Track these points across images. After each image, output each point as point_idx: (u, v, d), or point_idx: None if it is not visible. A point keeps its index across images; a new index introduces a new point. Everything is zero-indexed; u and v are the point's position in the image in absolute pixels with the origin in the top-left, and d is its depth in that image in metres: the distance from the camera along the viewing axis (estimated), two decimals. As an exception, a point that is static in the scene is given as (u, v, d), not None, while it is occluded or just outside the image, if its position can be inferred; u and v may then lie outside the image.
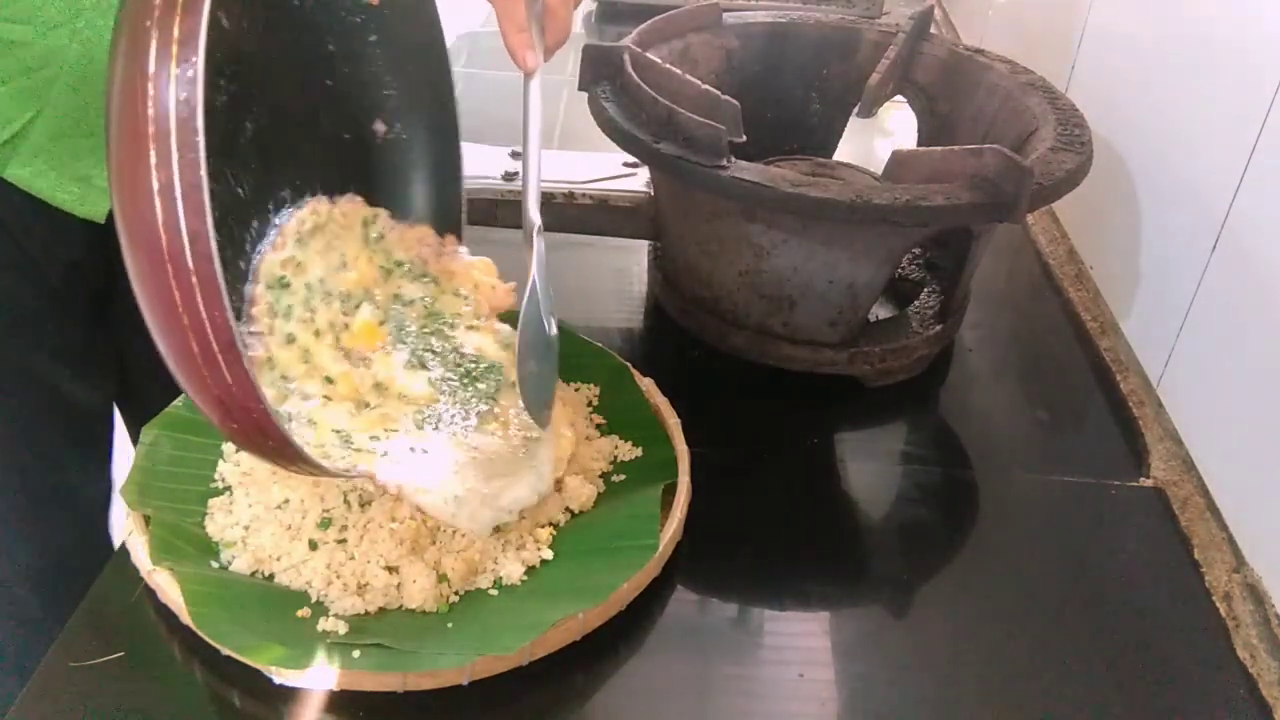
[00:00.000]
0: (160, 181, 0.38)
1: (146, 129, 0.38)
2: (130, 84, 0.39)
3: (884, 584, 0.59)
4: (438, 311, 0.59)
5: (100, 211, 0.67)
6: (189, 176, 0.38)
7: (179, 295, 0.39)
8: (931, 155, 0.62)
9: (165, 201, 0.38)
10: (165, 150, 0.38)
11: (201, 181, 0.38)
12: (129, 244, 0.40)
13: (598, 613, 0.51)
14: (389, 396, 0.55)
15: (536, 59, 0.54)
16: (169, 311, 0.40)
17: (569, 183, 0.76)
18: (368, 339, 0.55)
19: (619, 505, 0.58)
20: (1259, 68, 0.60)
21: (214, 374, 0.41)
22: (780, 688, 0.52)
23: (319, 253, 0.55)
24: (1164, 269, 0.72)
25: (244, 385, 0.41)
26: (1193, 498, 0.63)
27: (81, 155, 0.65)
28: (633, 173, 0.77)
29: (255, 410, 0.42)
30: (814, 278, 0.66)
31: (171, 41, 0.38)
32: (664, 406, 0.63)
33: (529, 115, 0.55)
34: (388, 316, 0.57)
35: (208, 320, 0.40)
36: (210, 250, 0.39)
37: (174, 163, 0.38)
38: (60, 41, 0.61)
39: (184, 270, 0.39)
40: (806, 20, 0.85)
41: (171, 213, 0.38)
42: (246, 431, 0.43)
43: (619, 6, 1.36)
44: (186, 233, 0.38)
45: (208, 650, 0.49)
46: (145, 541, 0.53)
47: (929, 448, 0.69)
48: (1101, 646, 0.55)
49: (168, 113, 0.38)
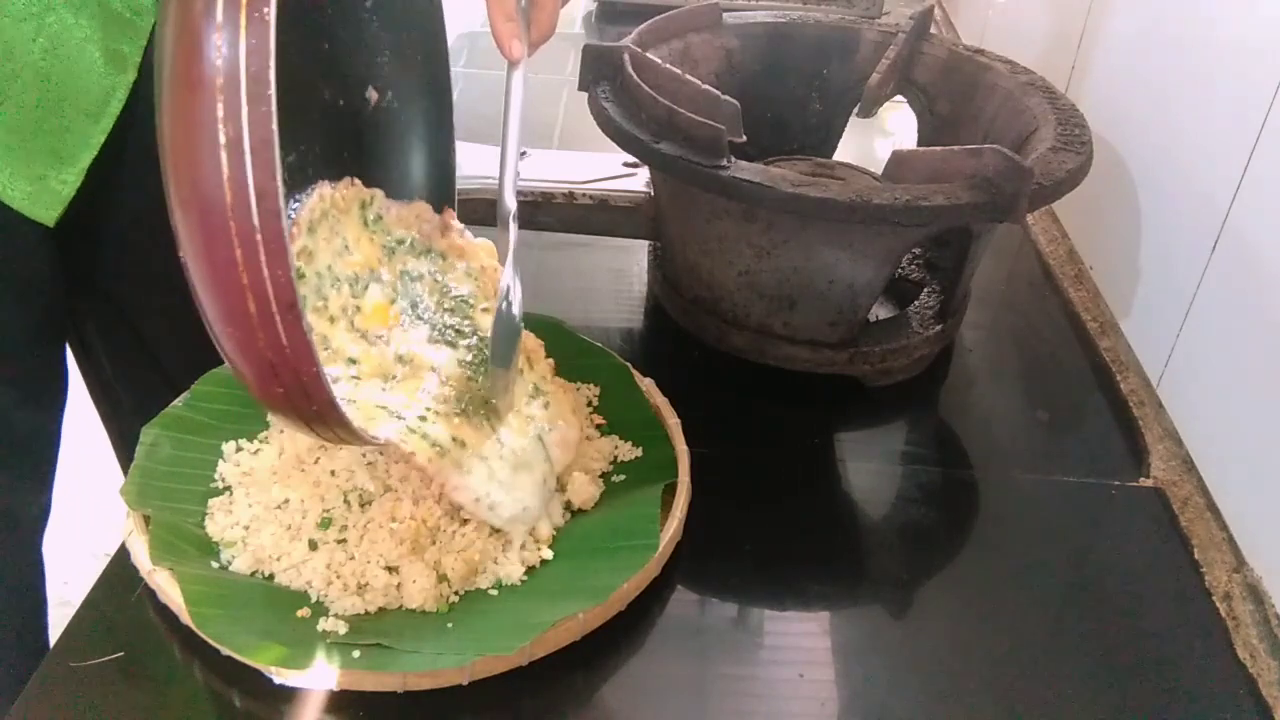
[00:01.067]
0: (228, 136, 0.37)
1: (214, 80, 0.37)
2: (193, 33, 0.37)
3: (884, 584, 0.59)
4: (447, 286, 0.59)
5: (52, 215, 0.65)
6: (260, 132, 0.37)
7: (241, 253, 0.38)
8: (931, 155, 0.62)
9: (233, 156, 0.37)
10: (235, 103, 0.37)
11: (273, 136, 0.37)
12: (183, 199, 0.39)
13: (598, 613, 0.51)
14: (418, 368, 0.55)
15: (522, 49, 0.55)
16: (227, 269, 0.39)
17: (569, 183, 0.76)
18: (379, 319, 0.55)
19: (619, 505, 0.58)
20: (1259, 68, 0.60)
21: (268, 335, 0.40)
22: (780, 688, 0.52)
23: (324, 239, 0.55)
24: (1164, 269, 0.72)
25: (300, 346, 0.40)
26: (1193, 498, 0.63)
27: (39, 154, 0.63)
28: (633, 173, 0.77)
29: (306, 372, 0.41)
30: (814, 278, 0.66)
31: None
32: (664, 406, 0.64)
33: (510, 105, 0.56)
34: (397, 294, 0.57)
35: (269, 279, 0.39)
36: (279, 207, 0.38)
37: (243, 116, 0.37)
38: (26, 35, 0.60)
39: (248, 228, 0.38)
40: (806, 20, 0.85)
41: (239, 168, 0.37)
42: (290, 396, 0.42)
43: (619, 6, 1.36)
44: (254, 189, 0.37)
45: (208, 650, 0.49)
46: (145, 541, 0.53)
47: (929, 448, 0.69)
48: (1101, 646, 0.55)
49: (238, 64, 0.37)
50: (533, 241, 0.82)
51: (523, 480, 0.55)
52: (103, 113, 0.64)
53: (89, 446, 0.91)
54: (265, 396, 0.44)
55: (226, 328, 0.41)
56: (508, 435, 0.55)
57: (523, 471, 0.55)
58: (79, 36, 0.61)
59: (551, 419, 0.59)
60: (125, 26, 0.63)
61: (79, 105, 0.63)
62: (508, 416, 0.56)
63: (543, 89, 1.12)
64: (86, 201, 0.65)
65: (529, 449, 0.56)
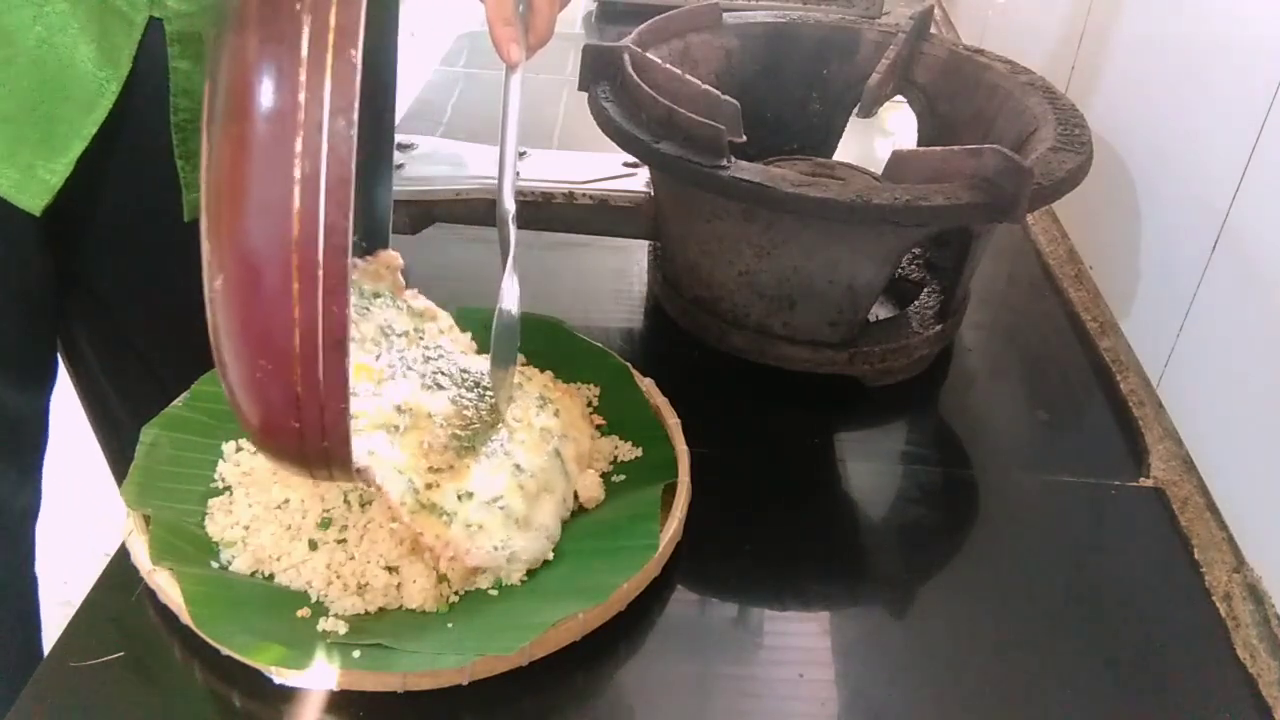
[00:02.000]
0: (304, 171, 0.37)
1: (293, 115, 0.37)
2: (270, 67, 0.38)
3: (884, 584, 0.59)
4: (424, 336, 0.60)
5: (38, 204, 0.64)
6: (339, 170, 0.38)
7: (299, 287, 0.38)
8: (931, 155, 0.62)
9: (307, 191, 0.38)
10: (315, 142, 0.37)
11: (350, 176, 0.38)
12: (236, 228, 0.39)
13: (598, 613, 0.51)
14: (418, 417, 0.55)
15: (520, 53, 0.56)
16: (278, 302, 0.39)
17: (569, 183, 0.76)
18: (366, 377, 0.55)
19: (619, 505, 0.58)
20: (1259, 68, 0.60)
21: (306, 369, 0.40)
22: (780, 688, 0.52)
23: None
24: (1164, 269, 0.72)
25: (335, 383, 0.41)
26: (1193, 498, 0.63)
27: (28, 143, 0.63)
28: (633, 173, 0.77)
29: (333, 409, 0.41)
30: (814, 278, 0.66)
31: (328, 30, 0.38)
32: (664, 406, 0.63)
33: (508, 108, 0.57)
34: (381, 350, 0.57)
35: (323, 314, 0.39)
36: (346, 244, 0.38)
37: (323, 154, 0.37)
38: (23, 22, 0.60)
39: (312, 262, 0.38)
40: (806, 20, 0.85)
41: (312, 203, 0.38)
42: (303, 431, 0.42)
43: (619, 6, 1.36)
44: (325, 224, 0.38)
45: (208, 650, 0.49)
46: (145, 541, 0.53)
47: (929, 448, 0.69)
48: (1101, 646, 0.55)
49: (322, 105, 0.37)
50: (533, 241, 0.82)
51: (544, 506, 0.55)
52: (95, 105, 0.64)
53: (89, 446, 0.91)
54: (271, 431, 0.43)
55: (259, 359, 0.40)
56: (523, 456, 0.55)
57: (544, 496, 0.55)
58: (75, 27, 0.61)
59: (565, 427, 0.59)
60: (120, 20, 0.63)
61: (72, 95, 0.63)
62: (520, 435, 0.57)
63: (543, 89, 1.12)
64: (76, 195, 0.66)
65: (548, 468, 0.56)
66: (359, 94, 0.38)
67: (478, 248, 0.60)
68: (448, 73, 1.17)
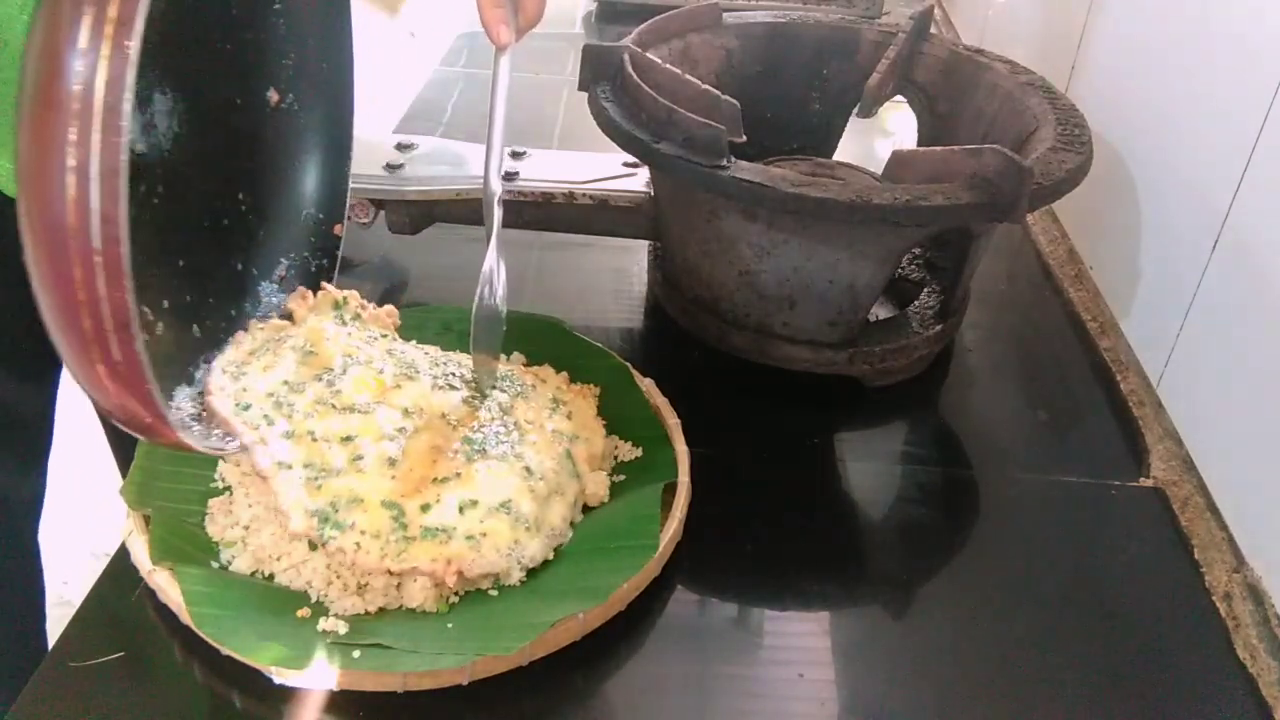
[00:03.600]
0: (77, 160, 0.38)
1: (68, 104, 0.38)
2: (56, 54, 0.38)
3: (884, 584, 0.59)
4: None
5: None
6: (109, 160, 0.38)
7: (80, 272, 0.39)
8: (931, 155, 0.62)
9: (78, 180, 0.38)
10: (85, 130, 0.38)
11: (121, 166, 0.38)
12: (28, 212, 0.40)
13: (598, 613, 0.51)
14: (431, 416, 0.56)
15: (509, 35, 0.57)
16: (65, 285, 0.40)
17: (569, 183, 0.76)
18: (365, 389, 0.56)
19: (619, 505, 0.58)
20: (1259, 68, 0.60)
21: (102, 350, 0.41)
22: (780, 688, 0.52)
23: (264, 366, 0.56)
24: (1164, 269, 0.72)
25: (132, 364, 0.42)
26: (1193, 498, 0.63)
27: None
28: (633, 173, 0.77)
29: (138, 390, 0.43)
30: (814, 278, 0.66)
31: (106, 20, 0.38)
32: (664, 406, 0.64)
33: (496, 89, 0.57)
34: (387, 364, 0.58)
35: (106, 299, 0.40)
36: (119, 234, 0.39)
37: (93, 143, 0.38)
38: (10, 11, 0.60)
39: (88, 250, 0.39)
40: (806, 20, 0.85)
41: (83, 192, 0.38)
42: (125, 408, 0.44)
43: (619, 6, 1.36)
44: (99, 214, 0.39)
45: (208, 650, 0.49)
46: (145, 541, 0.53)
47: (929, 448, 0.69)
48: (1101, 646, 0.55)
49: (93, 94, 0.38)
50: (533, 241, 0.82)
51: (555, 509, 0.55)
52: None
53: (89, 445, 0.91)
54: (109, 411, 0.45)
55: (62, 338, 0.42)
56: (534, 459, 0.56)
57: (554, 498, 0.55)
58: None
59: (577, 428, 0.59)
60: None
61: None
62: (532, 437, 0.57)
63: (543, 89, 1.12)
64: None
65: (559, 470, 0.56)
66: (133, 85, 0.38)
67: (478, 248, 0.60)
68: (448, 73, 1.17)
